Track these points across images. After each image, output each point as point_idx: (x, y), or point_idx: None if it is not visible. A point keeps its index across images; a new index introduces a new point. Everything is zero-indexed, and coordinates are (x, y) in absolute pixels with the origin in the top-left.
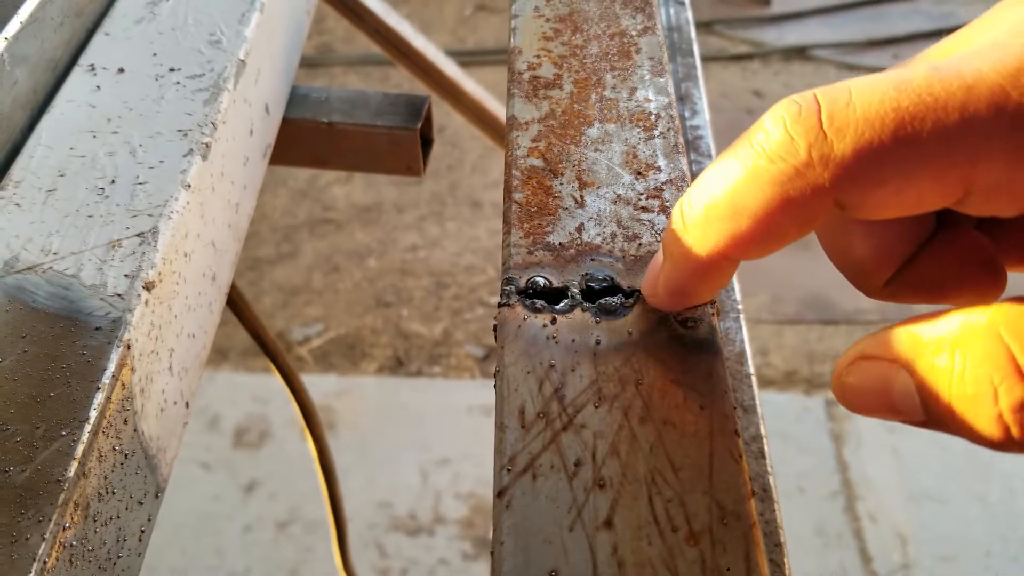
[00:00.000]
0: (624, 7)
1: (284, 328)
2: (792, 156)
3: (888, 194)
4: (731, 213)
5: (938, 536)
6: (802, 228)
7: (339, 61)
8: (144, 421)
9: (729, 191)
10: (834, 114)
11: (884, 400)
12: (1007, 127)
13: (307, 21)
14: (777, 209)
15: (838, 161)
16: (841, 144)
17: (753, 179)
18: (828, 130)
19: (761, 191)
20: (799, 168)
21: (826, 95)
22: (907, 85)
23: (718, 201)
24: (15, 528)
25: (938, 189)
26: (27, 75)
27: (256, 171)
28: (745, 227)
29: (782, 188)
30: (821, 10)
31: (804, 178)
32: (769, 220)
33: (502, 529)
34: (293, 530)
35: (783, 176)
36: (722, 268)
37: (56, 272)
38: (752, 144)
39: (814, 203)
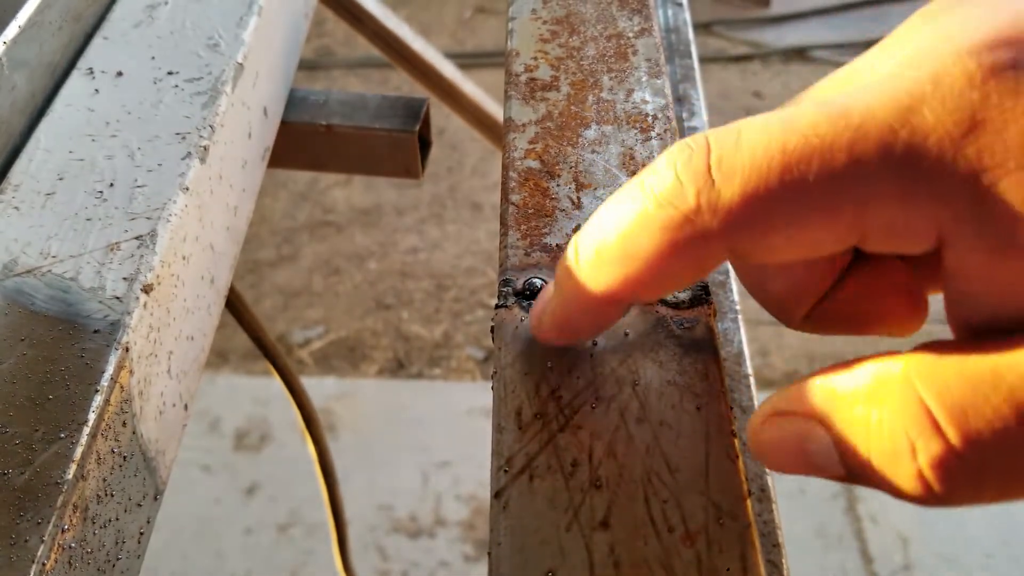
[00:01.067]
0: (621, 9)
1: (284, 330)
2: (681, 202)
3: (779, 240)
4: (622, 256)
5: (939, 537)
6: (696, 273)
7: (338, 64)
8: (143, 423)
9: (620, 235)
10: (722, 158)
11: (801, 457)
12: (896, 168)
13: (305, 24)
14: (668, 254)
15: (726, 208)
16: (729, 190)
17: (643, 224)
18: (716, 175)
19: (651, 236)
20: (688, 215)
21: (717, 137)
22: (794, 124)
23: (610, 244)
24: (14, 530)
25: (831, 233)
26: (26, 79)
27: (255, 174)
28: (636, 271)
29: (672, 234)
30: (821, 11)
31: (693, 225)
32: (661, 265)
33: (499, 530)
34: (294, 533)
35: (672, 222)
36: (612, 308)
37: (55, 275)
38: (644, 187)
39: (705, 250)
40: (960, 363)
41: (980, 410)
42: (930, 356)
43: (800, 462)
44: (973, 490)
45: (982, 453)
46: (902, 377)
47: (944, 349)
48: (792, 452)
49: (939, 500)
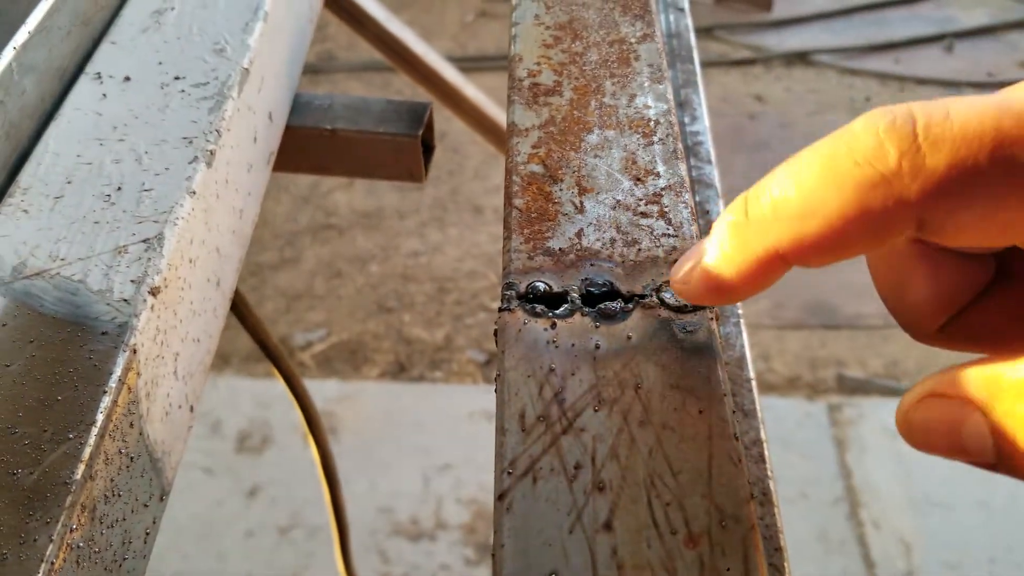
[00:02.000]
0: (623, 14)
1: (286, 333)
2: (881, 162)
3: (974, 217)
4: (802, 212)
5: (942, 543)
6: (872, 242)
7: (341, 68)
8: (150, 424)
9: (805, 189)
10: (931, 126)
11: (953, 440)
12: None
13: (310, 30)
14: (854, 216)
15: (929, 174)
16: (935, 157)
17: (834, 180)
18: (923, 142)
19: (840, 194)
20: (886, 176)
21: (923, 108)
22: (1010, 107)
23: (790, 198)
24: (23, 529)
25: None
26: (35, 84)
27: (260, 178)
28: (813, 229)
29: (864, 194)
30: (822, 15)
31: (890, 187)
32: (842, 227)
33: (503, 532)
34: (295, 535)
35: (868, 182)
36: (772, 270)
37: (63, 278)
38: (838, 145)
39: (894, 216)
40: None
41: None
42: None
43: (950, 445)
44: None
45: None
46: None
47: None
48: (943, 434)
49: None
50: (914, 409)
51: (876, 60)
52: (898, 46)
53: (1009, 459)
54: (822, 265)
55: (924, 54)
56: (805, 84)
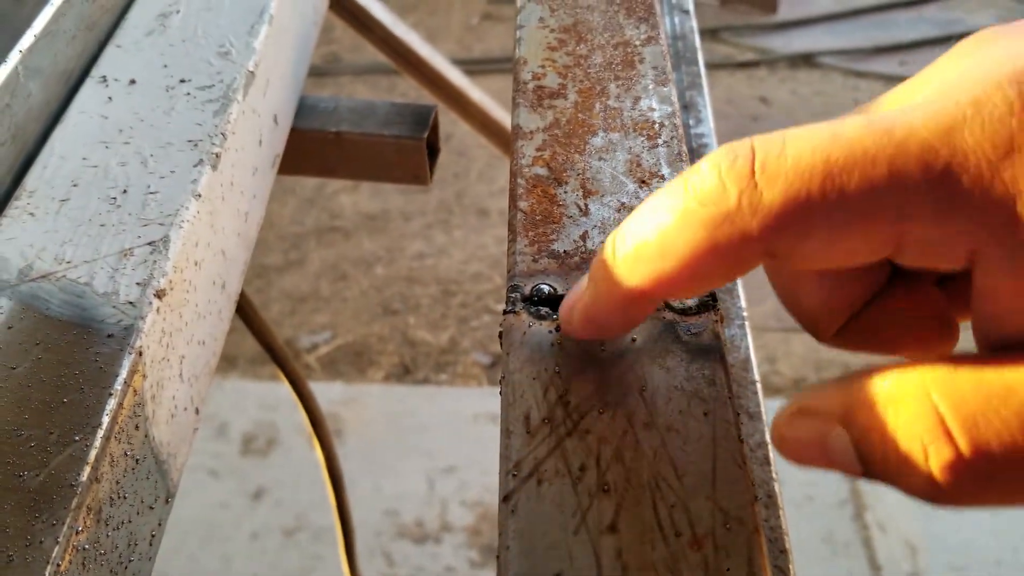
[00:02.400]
0: (628, 17)
1: (292, 336)
2: (723, 201)
3: (817, 246)
4: (659, 253)
5: (948, 546)
6: (729, 273)
7: (346, 71)
8: (155, 427)
9: (659, 231)
10: (767, 163)
11: (821, 454)
12: (935, 184)
13: (315, 32)
14: (705, 253)
15: (766, 210)
16: (770, 193)
17: (683, 221)
18: (759, 178)
19: (690, 234)
20: (728, 214)
21: (762, 143)
22: (839, 137)
23: (648, 240)
24: (29, 531)
25: (867, 243)
26: (41, 87)
27: (265, 180)
28: (671, 268)
29: (711, 233)
30: (828, 17)
31: (733, 224)
32: (696, 264)
33: (508, 534)
34: (300, 538)
35: (712, 221)
36: (642, 305)
37: (69, 280)
38: (686, 187)
39: (742, 250)
40: (976, 376)
41: (990, 421)
42: (948, 367)
43: (820, 458)
44: (978, 493)
45: (989, 461)
46: (919, 386)
47: (962, 362)
48: (813, 448)
49: (946, 500)
50: (785, 426)
51: (882, 62)
52: (904, 48)
53: (871, 469)
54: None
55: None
56: (810, 86)
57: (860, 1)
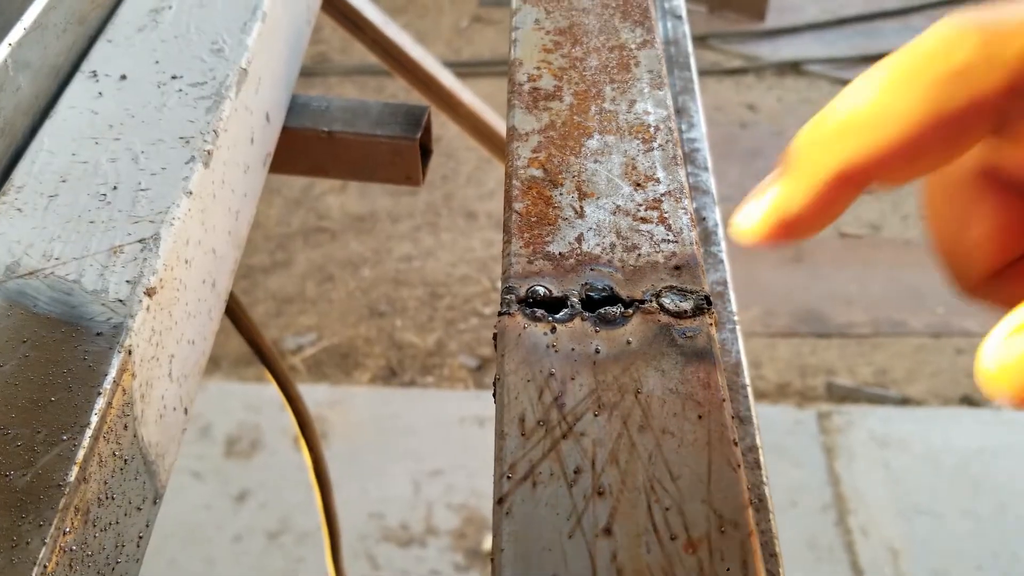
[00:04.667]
0: (623, 20)
1: (277, 337)
2: (956, 55)
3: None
4: (875, 121)
5: (930, 550)
6: (949, 147)
7: (335, 71)
8: (144, 427)
9: (878, 95)
10: (1002, 20)
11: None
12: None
13: (308, 31)
14: (930, 117)
15: (1004, 62)
16: (1012, 47)
17: (908, 80)
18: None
19: (915, 94)
20: (960, 70)
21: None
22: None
23: (860, 108)
24: (16, 532)
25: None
26: (30, 81)
27: (256, 179)
28: (889, 137)
29: (939, 91)
30: (815, 25)
31: (966, 81)
32: (919, 131)
33: (502, 536)
34: (284, 540)
35: (942, 78)
36: (845, 192)
37: (58, 277)
38: (910, 48)
39: (971, 112)
40: None
41: None
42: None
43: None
44: None
45: None
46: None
47: None
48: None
49: None
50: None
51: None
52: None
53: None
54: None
55: None
56: (797, 93)
57: (847, 10)
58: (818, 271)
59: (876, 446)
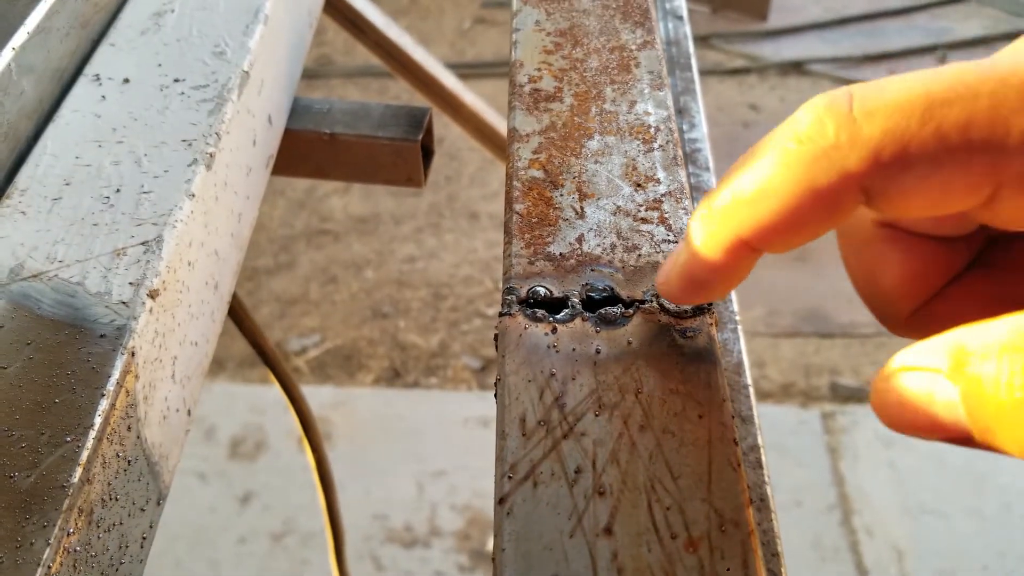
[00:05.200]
0: (624, 21)
1: (281, 339)
2: (821, 138)
3: (915, 181)
4: (757, 197)
5: (935, 550)
6: (826, 218)
7: (338, 73)
8: (147, 428)
9: (757, 175)
10: (865, 100)
11: (926, 415)
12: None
13: (309, 34)
14: (803, 192)
15: (865, 142)
16: (870, 126)
17: (780, 161)
18: (858, 113)
19: (788, 173)
20: (827, 150)
21: (860, 86)
22: (939, 75)
23: (745, 185)
24: (20, 533)
25: (965, 179)
26: (33, 85)
27: (258, 181)
28: (769, 211)
29: (809, 170)
30: (818, 25)
31: (831, 160)
32: (794, 205)
33: (503, 536)
34: (288, 542)
35: (810, 157)
36: (741, 259)
37: (61, 280)
38: (783, 130)
39: (840, 188)
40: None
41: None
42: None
43: (925, 420)
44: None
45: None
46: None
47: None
48: (918, 409)
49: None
50: (886, 386)
51: (870, 70)
52: (892, 56)
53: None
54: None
55: (918, 64)
56: (800, 93)
57: (850, 9)
58: (822, 270)
59: (881, 446)
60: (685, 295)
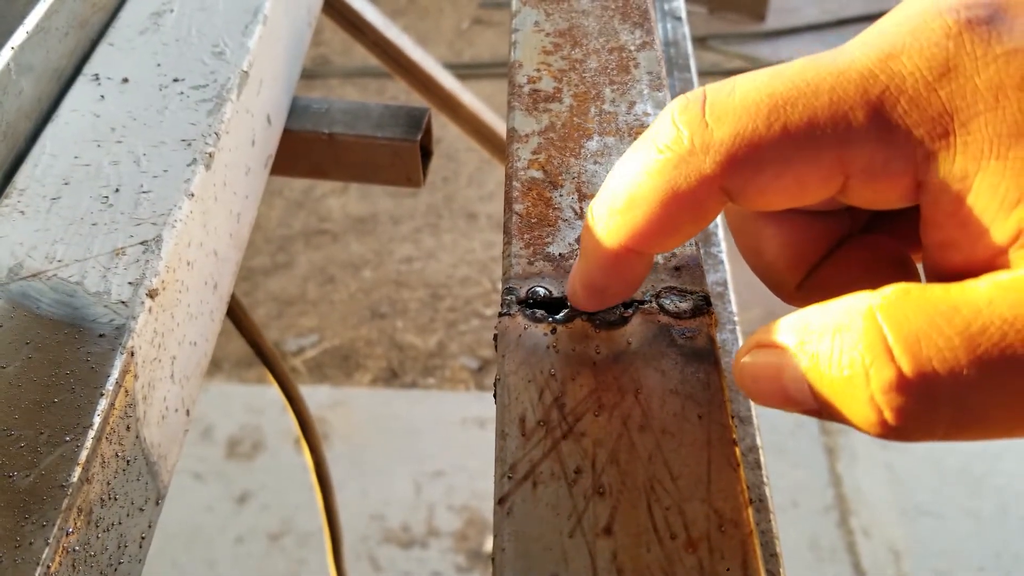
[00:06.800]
0: (623, 22)
1: (278, 339)
2: (677, 145)
3: (769, 179)
4: (628, 205)
5: (932, 551)
6: (695, 219)
7: (336, 73)
8: (146, 428)
9: (625, 184)
10: (715, 104)
11: (777, 388)
12: (874, 107)
13: (308, 33)
14: (667, 198)
15: (717, 147)
16: (720, 131)
17: (644, 170)
18: (709, 118)
19: (651, 181)
20: (683, 156)
21: (713, 88)
22: (783, 73)
23: (617, 195)
24: (19, 532)
25: (816, 173)
26: (32, 84)
27: (257, 181)
28: (641, 219)
29: (670, 177)
30: (815, 26)
31: (688, 165)
32: (661, 211)
33: (503, 536)
34: (286, 542)
35: (669, 165)
36: (630, 261)
37: (60, 279)
38: (646, 139)
39: (700, 191)
40: (922, 298)
41: (933, 340)
42: (897, 292)
43: (778, 394)
44: (924, 422)
45: (932, 383)
46: (867, 309)
47: (912, 288)
48: (769, 382)
49: (893, 431)
50: (743, 362)
51: None
52: None
53: (820, 400)
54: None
55: None
56: None
57: (848, 11)
58: None
59: (878, 447)
60: (591, 302)
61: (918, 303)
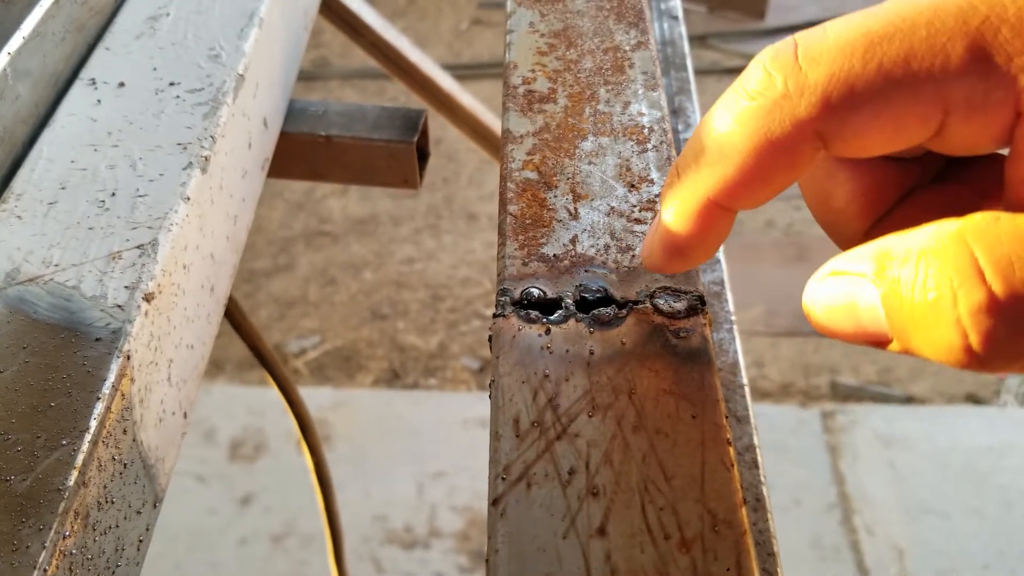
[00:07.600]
0: (618, 22)
1: (280, 340)
2: (770, 90)
3: (866, 119)
4: (718, 157)
5: (936, 550)
6: (788, 168)
7: (335, 75)
8: (143, 431)
9: (715, 135)
10: (808, 47)
11: (851, 317)
12: (973, 38)
13: (305, 36)
14: (761, 146)
15: (812, 88)
16: (815, 73)
17: (736, 119)
18: (803, 61)
19: (744, 129)
20: (777, 101)
21: (803, 34)
22: (877, 11)
23: (706, 147)
24: (16, 536)
25: (915, 110)
26: (29, 89)
27: (254, 184)
28: (732, 170)
29: (763, 124)
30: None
31: (782, 110)
32: (754, 160)
33: (497, 537)
34: (288, 544)
35: (762, 111)
36: (715, 219)
37: (57, 284)
38: (735, 89)
39: (795, 137)
40: (1013, 224)
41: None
42: (987, 217)
43: (850, 323)
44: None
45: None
46: (956, 233)
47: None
48: (843, 312)
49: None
50: (816, 290)
51: None
52: None
53: (897, 327)
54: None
55: None
56: None
57: (847, 8)
58: None
59: (881, 445)
60: (669, 265)
61: (1009, 228)
